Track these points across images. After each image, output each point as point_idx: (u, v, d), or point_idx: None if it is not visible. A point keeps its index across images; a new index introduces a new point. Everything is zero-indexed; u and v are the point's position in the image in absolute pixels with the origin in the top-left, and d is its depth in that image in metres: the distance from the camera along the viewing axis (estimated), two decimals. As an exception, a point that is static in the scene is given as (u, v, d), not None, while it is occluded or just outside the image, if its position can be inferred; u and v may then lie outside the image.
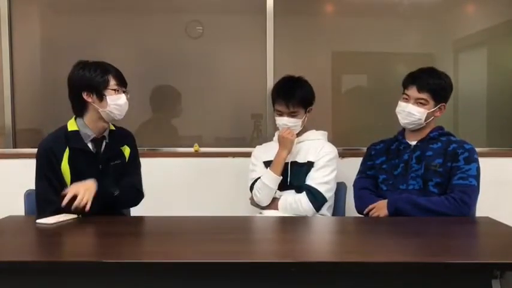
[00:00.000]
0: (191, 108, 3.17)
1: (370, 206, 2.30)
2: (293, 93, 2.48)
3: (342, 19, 3.24)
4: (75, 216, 2.08)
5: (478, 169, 2.25)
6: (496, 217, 2.10)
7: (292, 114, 2.49)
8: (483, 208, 2.33)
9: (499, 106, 3.24)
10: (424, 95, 2.28)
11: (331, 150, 2.54)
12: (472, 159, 2.25)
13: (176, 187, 3.03)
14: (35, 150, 2.94)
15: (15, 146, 3.11)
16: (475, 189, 2.21)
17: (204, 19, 3.15)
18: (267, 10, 3.08)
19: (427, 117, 2.30)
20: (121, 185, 2.28)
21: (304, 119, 2.54)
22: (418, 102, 2.28)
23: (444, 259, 1.57)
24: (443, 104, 2.32)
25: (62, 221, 2.01)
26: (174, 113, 3.23)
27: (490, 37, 3.25)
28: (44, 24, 3.20)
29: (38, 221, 1.99)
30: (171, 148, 3.13)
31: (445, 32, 3.23)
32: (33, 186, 2.37)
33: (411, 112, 2.29)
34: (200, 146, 3.11)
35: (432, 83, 2.29)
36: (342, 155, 2.90)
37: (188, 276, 1.61)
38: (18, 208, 2.36)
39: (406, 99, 2.31)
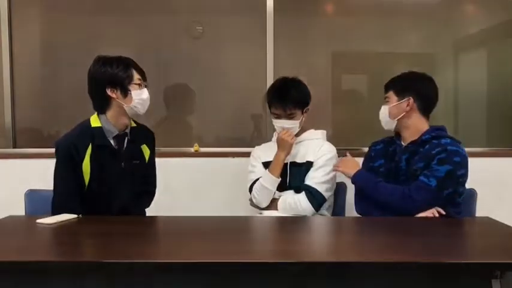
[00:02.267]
0: (191, 108, 3.17)
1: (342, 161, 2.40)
2: (289, 95, 2.46)
3: (342, 19, 3.25)
4: (75, 216, 2.09)
5: (450, 173, 2.14)
6: (496, 217, 2.10)
7: (289, 116, 2.48)
8: (483, 208, 2.33)
9: (499, 106, 3.24)
10: (387, 94, 2.36)
11: (330, 150, 2.53)
12: (447, 161, 2.16)
13: (176, 187, 3.03)
14: (35, 150, 2.97)
15: (15, 146, 3.11)
16: (431, 190, 2.13)
17: (204, 19, 3.15)
18: (267, 10, 3.09)
19: (392, 113, 2.31)
20: (139, 191, 2.34)
21: (302, 119, 2.53)
22: (386, 101, 2.36)
23: (444, 259, 1.57)
24: (410, 97, 2.29)
25: (62, 221, 2.02)
26: (174, 113, 3.23)
27: (490, 37, 3.25)
28: (44, 25, 3.20)
29: (38, 221, 1.99)
30: (171, 148, 3.13)
31: (445, 32, 3.23)
32: (33, 186, 2.38)
33: (380, 112, 2.38)
34: (200, 146, 3.11)
35: (395, 81, 2.35)
36: (341, 155, 2.90)
37: (188, 276, 1.61)
38: (18, 208, 2.36)
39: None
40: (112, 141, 2.22)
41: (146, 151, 2.36)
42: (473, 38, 3.26)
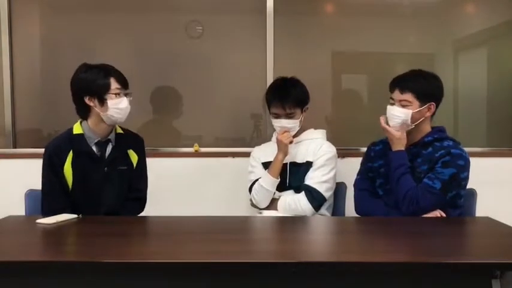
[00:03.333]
0: (191, 108, 3.17)
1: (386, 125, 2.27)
2: (288, 95, 2.47)
3: (342, 19, 3.24)
4: (75, 216, 2.09)
5: (454, 176, 2.14)
6: (496, 217, 2.10)
7: (289, 116, 2.48)
8: (483, 208, 2.33)
9: (499, 106, 3.23)
10: (406, 96, 2.24)
11: (330, 150, 2.54)
12: (451, 164, 2.16)
13: (176, 187, 3.02)
14: (35, 150, 2.97)
15: (15, 146, 3.11)
16: (435, 192, 2.13)
17: (204, 19, 3.15)
18: (267, 10, 3.08)
19: (414, 118, 2.24)
20: (126, 197, 2.34)
21: (301, 119, 2.53)
22: (402, 104, 2.25)
23: (444, 259, 1.57)
24: (432, 103, 2.24)
25: (62, 221, 2.02)
26: (174, 113, 3.23)
27: (490, 37, 3.25)
28: (44, 24, 3.20)
29: (38, 221, 1.99)
30: (171, 148, 3.13)
31: (445, 32, 3.23)
32: (33, 186, 2.38)
33: (395, 114, 2.25)
34: (200, 146, 3.11)
35: (415, 84, 2.25)
36: (341, 155, 2.90)
37: (188, 276, 1.61)
38: (18, 208, 2.36)
39: (392, 103, 2.29)
40: (94, 148, 2.27)
41: (133, 156, 2.38)
42: (473, 38, 3.25)
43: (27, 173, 2.31)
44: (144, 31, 3.16)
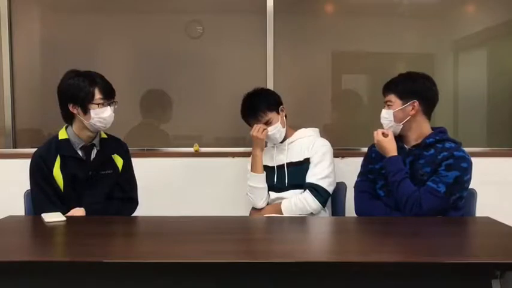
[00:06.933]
0: (191, 108, 3.17)
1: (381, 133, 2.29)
2: (257, 107, 2.55)
3: (342, 19, 3.24)
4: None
5: (457, 178, 2.15)
6: (496, 217, 2.10)
7: (268, 123, 2.54)
8: (483, 208, 2.33)
9: (499, 106, 3.23)
10: (389, 97, 2.30)
11: (323, 144, 2.57)
12: (454, 167, 2.15)
13: (176, 187, 3.03)
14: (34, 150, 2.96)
15: (15, 146, 3.11)
16: (440, 196, 2.13)
17: (204, 19, 3.15)
18: (267, 10, 3.08)
19: (397, 117, 2.26)
20: (114, 197, 2.36)
21: (282, 120, 2.57)
22: (387, 105, 2.31)
23: (444, 259, 1.57)
24: (415, 101, 2.25)
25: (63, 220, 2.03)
26: (175, 112, 3.23)
27: (490, 37, 3.25)
28: (44, 24, 3.20)
29: (47, 220, 2.01)
30: (171, 148, 3.13)
31: (445, 32, 3.23)
32: (33, 186, 2.39)
33: (382, 116, 2.31)
34: (200, 146, 3.11)
35: (397, 84, 2.29)
36: (342, 155, 2.90)
37: (188, 276, 1.61)
38: (18, 208, 2.36)
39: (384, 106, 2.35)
40: (80, 152, 2.30)
41: (118, 160, 2.40)
42: (473, 38, 3.25)
43: (27, 173, 2.31)
44: (144, 31, 3.15)
